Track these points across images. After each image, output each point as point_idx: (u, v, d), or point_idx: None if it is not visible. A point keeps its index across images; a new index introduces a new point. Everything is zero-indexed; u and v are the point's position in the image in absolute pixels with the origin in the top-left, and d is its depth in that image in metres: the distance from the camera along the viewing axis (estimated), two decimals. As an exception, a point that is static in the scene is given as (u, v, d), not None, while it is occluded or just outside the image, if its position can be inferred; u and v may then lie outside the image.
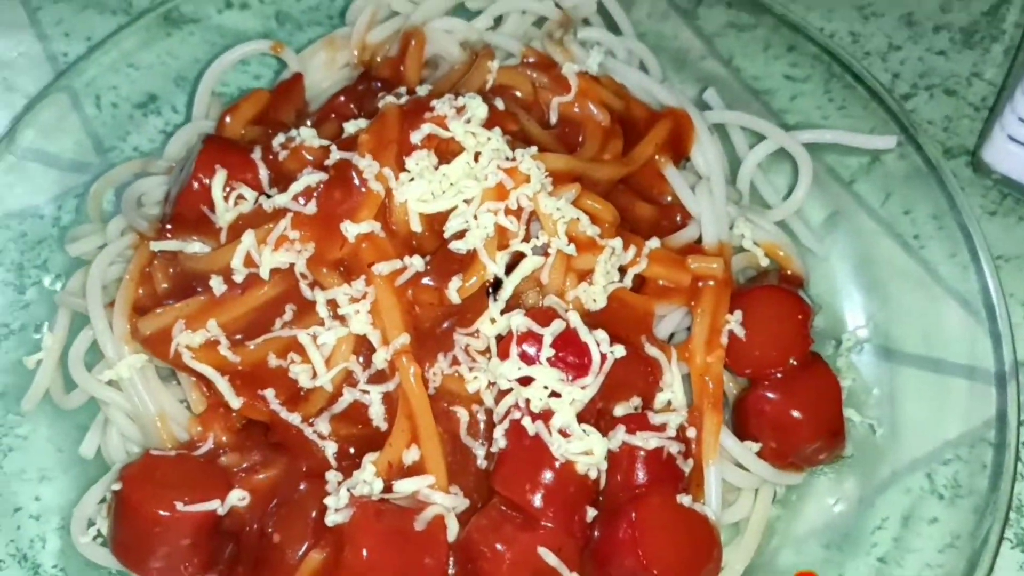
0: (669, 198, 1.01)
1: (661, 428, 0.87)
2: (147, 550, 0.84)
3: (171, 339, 0.87)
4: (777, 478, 0.92)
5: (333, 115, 1.02)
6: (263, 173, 0.94)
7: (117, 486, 0.84)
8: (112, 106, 1.12)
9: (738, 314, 0.94)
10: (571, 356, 0.85)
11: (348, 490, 0.82)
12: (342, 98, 1.04)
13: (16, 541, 0.91)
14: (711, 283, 0.94)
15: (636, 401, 0.89)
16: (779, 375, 0.93)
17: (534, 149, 0.92)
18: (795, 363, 0.93)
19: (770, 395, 0.93)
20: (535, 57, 1.06)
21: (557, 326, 0.86)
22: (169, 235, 0.93)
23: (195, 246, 0.92)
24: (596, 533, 0.85)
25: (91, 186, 1.04)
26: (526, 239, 0.89)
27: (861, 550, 0.92)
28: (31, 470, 0.94)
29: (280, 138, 0.95)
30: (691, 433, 0.90)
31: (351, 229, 0.87)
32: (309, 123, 1.01)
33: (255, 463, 0.88)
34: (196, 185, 0.93)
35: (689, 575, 0.84)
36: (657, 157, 1.02)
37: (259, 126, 1.02)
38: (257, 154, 0.95)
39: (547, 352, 0.85)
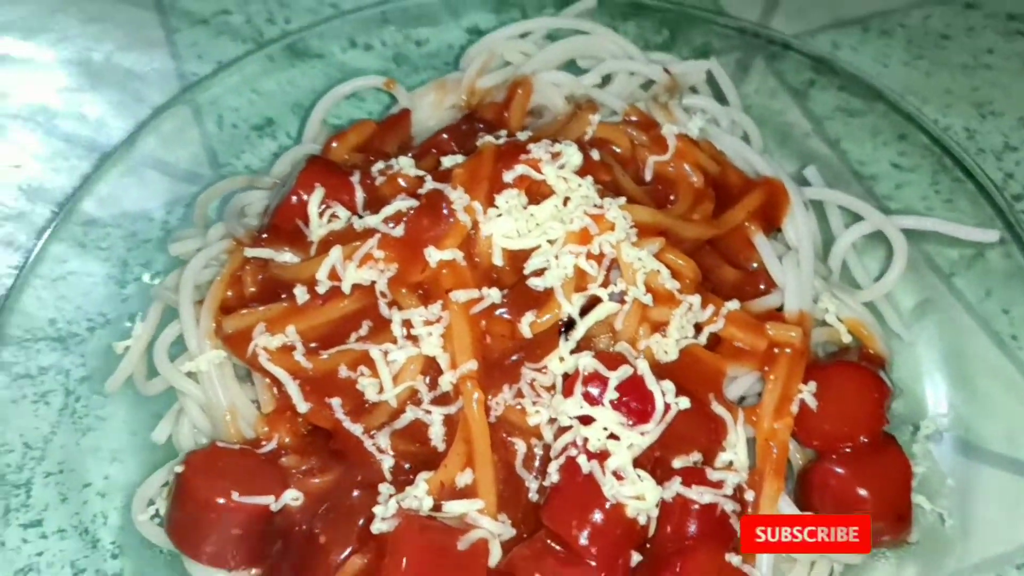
0: (755, 265, 1.01)
1: (718, 485, 0.86)
2: (199, 534, 0.87)
3: (251, 340, 0.90)
4: (834, 555, 0.89)
5: (434, 150, 1.04)
6: (359, 195, 0.97)
7: (180, 468, 0.87)
8: (232, 126, 1.18)
9: (812, 385, 0.92)
10: (634, 402, 0.85)
11: (397, 502, 0.83)
12: (445, 135, 1.07)
13: (80, 514, 0.94)
14: (788, 351, 0.94)
15: (696, 456, 0.88)
16: (848, 450, 0.91)
17: (623, 200, 0.93)
18: (866, 441, 0.91)
19: (837, 469, 0.91)
20: (637, 116, 1.09)
21: (624, 371, 0.86)
22: (263, 244, 0.96)
23: (286, 256, 0.96)
24: (639, 582, 0.84)
25: (200, 194, 1.09)
26: (604, 284, 0.90)
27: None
28: (105, 450, 0.97)
29: (379, 165, 0.99)
30: (750, 496, 0.88)
31: (434, 255, 0.89)
32: (410, 154, 1.05)
33: (313, 467, 0.90)
34: (295, 199, 0.97)
35: (729, 635, 0.82)
36: (747, 224, 1.02)
37: (362, 154, 1.06)
38: (356, 177, 0.98)
39: (611, 395, 0.85)
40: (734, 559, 0.84)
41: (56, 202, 1.15)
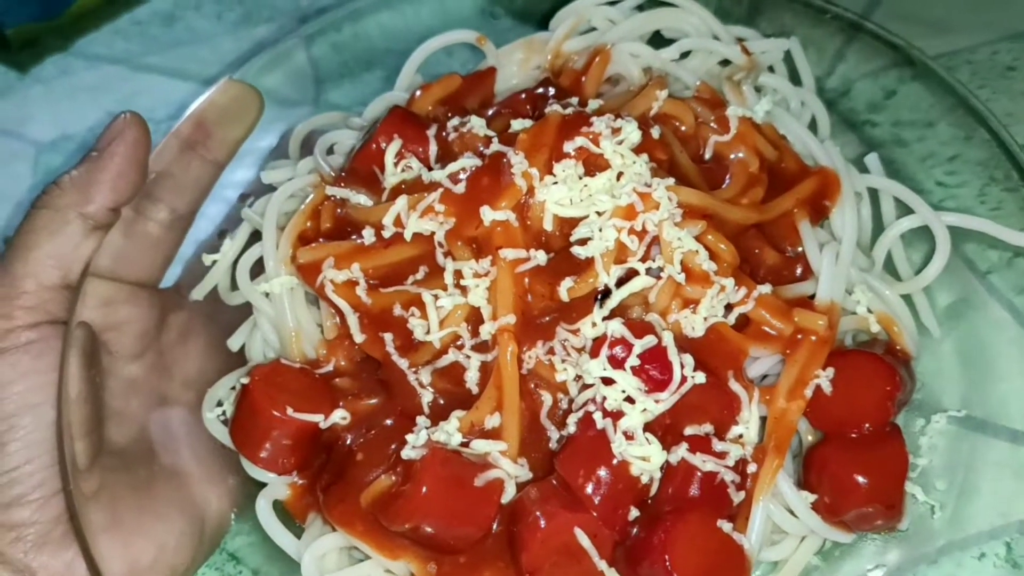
0: (799, 250, 1.06)
1: (721, 455, 0.93)
2: (255, 439, 0.98)
3: (320, 271, 1.00)
4: (824, 531, 0.96)
5: (508, 109, 1.12)
6: (432, 149, 1.05)
7: (246, 380, 0.99)
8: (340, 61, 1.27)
9: (830, 371, 0.98)
10: (654, 370, 0.93)
11: (428, 434, 0.93)
12: (523, 95, 1.14)
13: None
14: (812, 338, 0.99)
15: (708, 428, 0.95)
16: (853, 436, 0.97)
17: (671, 181, 0.99)
18: (871, 429, 0.97)
19: (837, 453, 0.97)
20: (708, 94, 1.14)
21: (649, 340, 0.94)
22: (342, 184, 1.06)
23: (361, 198, 1.05)
24: (635, 532, 0.92)
25: (296, 126, 1.19)
26: (644, 259, 0.97)
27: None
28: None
29: (455, 121, 1.06)
30: (752, 469, 0.96)
31: (488, 214, 0.97)
32: (489, 112, 1.12)
33: (361, 392, 1.00)
34: (375, 146, 1.06)
35: (710, 592, 0.90)
36: (795, 211, 1.07)
37: (444, 106, 1.13)
38: (432, 131, 1.06)
39: (633, 361, 0.93)
40: (725, 526, 0.92)
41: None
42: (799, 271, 1.06)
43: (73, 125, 1.55)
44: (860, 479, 0.95)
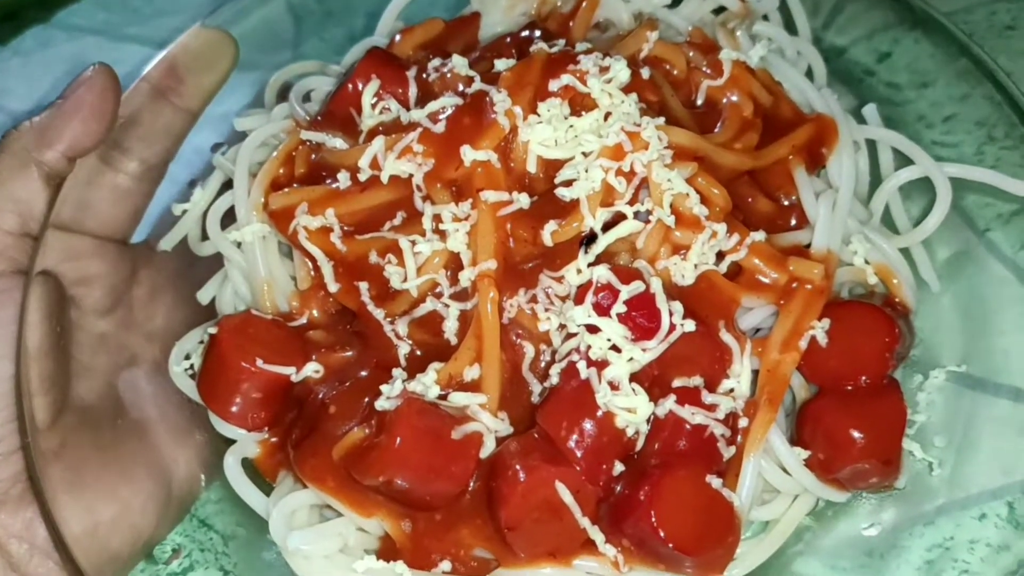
0: (794, 198, 1.02)
1: (711, 408, 0.89)
2: (224, 393, 0.94)
3: (293, 217, 0.96)
4: (818, 490, 0.92)
5: (492, 53, 1.07)
6: (412, 91, 1.01)
7: (214, 330, 0.94)
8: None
9: (826, 322, 0.93)
10: (641, 318, 0.89)
11: (404, 384, 0.89)
12: (508, 39, 1.09)
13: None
14: (808, 287, 0.95)
15: (698, 380, 0.91)
16: (848, 389, 0.93)
17: (661, 120, 0.94)
18: (867, 382, 0.93)
19: (832, 406, 0.93)
20: (701, 39, 1.09)
21: (636, 286, 0.89)
22: (318, 128, 1.01)
23: (337, 142, 1.00)
24: (619, 489, 0.88)
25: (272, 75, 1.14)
26: (632, 203, 0.93)
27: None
28: (155, 305, 1.05)
29: (435, 62, 1.02)
30: (743, 424, 0.91)
31: (469, 154, 0.93)
32: (472, 56, 1.07)
33: (336, 344, 0.96)
34: (351, 88, 1.01)
35: (697, 550, 0.86)
36: (791, 158, 1.02)
37: (426, 51, 1.09)
38: (412, 73, 1.02)
39: (619, 307, 0.88)
40: (715, 482, 0.88)
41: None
42: (793, 221, 1.02)
43: (51, 96, 1.50)
44: (856, 433, 0.91)
